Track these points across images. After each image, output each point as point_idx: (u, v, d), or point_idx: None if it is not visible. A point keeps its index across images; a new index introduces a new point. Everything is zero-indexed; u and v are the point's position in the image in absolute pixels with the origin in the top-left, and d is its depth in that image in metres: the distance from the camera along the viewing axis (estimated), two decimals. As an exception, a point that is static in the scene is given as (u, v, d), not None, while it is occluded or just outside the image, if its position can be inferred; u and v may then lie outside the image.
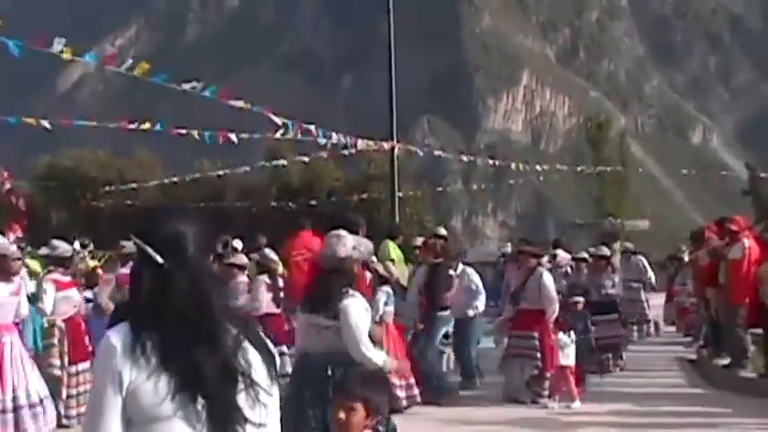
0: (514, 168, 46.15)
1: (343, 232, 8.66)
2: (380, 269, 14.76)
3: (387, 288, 14.42)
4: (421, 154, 39.15)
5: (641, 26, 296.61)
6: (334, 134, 26.38)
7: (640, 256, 25.90)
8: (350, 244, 8.43)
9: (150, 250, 3.51)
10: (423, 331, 15.53)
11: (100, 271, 18.00)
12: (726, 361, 17.89)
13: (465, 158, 51.91)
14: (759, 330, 16.81)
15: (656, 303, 25.86)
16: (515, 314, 15.81)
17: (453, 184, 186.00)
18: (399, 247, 18.52)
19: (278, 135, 24.13)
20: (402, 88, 34.68)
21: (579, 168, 60.13)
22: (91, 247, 21.94)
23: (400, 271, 17.31)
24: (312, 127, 24.15)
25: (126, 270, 16.85)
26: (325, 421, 7.66)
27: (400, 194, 34.30)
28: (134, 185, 55.19)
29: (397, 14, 31.57)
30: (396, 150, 30.50)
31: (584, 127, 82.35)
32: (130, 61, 19.09)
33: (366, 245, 8.80)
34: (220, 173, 51.17)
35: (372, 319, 13.62)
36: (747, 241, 16.94)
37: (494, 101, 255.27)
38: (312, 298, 8.43)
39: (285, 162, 46.61)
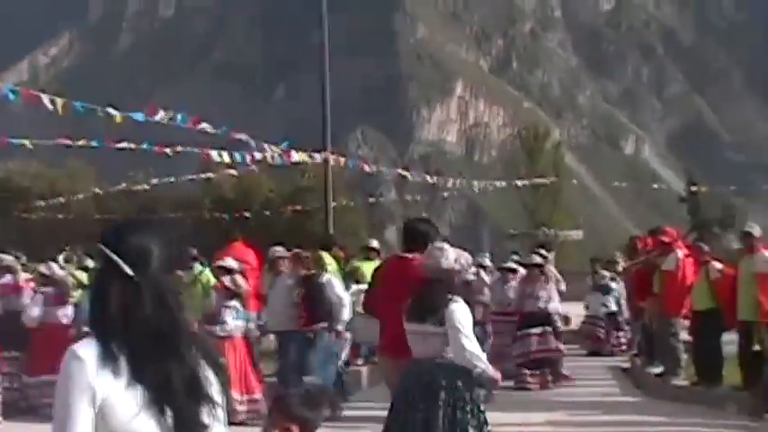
0: (451, 184, 46.30)
1: (445, 245, 9.17)
2: (228, 283, 14.72)
3: (235, 302, 14.37)
4: (351, 166, 39.02)
5: (574, 37, 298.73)
6: (266, 146, 26.25)
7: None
8: (452, 256, 8.87)
9: (121, 262, 3.48)
10: (309, 343, 15.39)
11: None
12: (659, 369, 17.99)
13: (400, 171, 51.89)
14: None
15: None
16: None
17: (387, 194, 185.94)
18: (335, 258, 18.38)
19: (214, 154, 24.03)
20: (335, 98, 34.61)
21: (519, 183, 60.35)
22: (24, 259, 21.63)
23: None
24: (244, 136, 24.00)
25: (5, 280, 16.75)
26: (431, 426, 8.37)
27: (334, 205, 34.20)
28: (62, 198, 54.79)
29: (331, 24, 31.49)
30: (329, 161, 30.41)
31: (520, 138, 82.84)
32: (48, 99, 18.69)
33: (466, 257, 9.16)
34: (154, 181, 50.69)
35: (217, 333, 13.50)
36: (681, 252, 17.07)
37: (428, 111, 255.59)
38: (419, 306, 8.82)
39: (212, 175, 46.38)
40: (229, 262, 16.00)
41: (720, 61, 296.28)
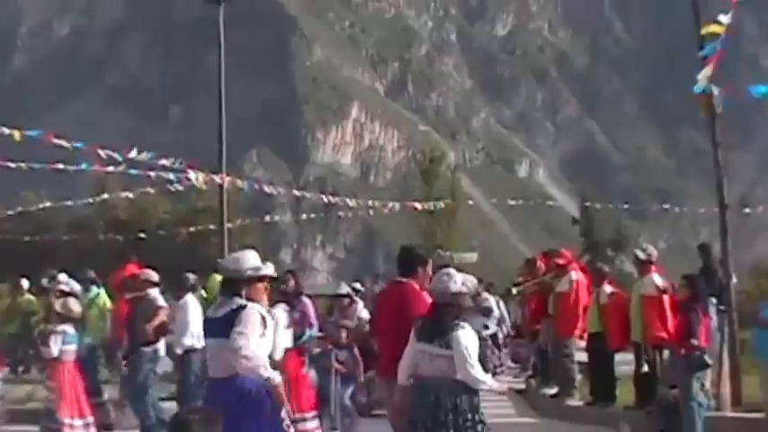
0: (349, 203, 46.29)
1: (452, 270, 9.79)
2: (59, 307, 14.60)
3: (65, 327, 14.25)
4: (247, 188, 38.84)
5: (469, 61, 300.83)
6: (164, 162, 26.05)
7: None
8: (459, 280, 9.54)
9: None
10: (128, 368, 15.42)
11: None
12: (554, 390, 18.14)
13: (295, 192, 51.83)
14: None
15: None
16: None
17: (282, 216, 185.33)
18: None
19: (110, 168, 23.82)
20: (231, 120, 34.45)
21: (414, 205, 60.41)
22: None
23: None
24: (142, 155, 23.83)
25: None
26: None
27: (229, 226, 34.01)
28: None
29: (227, 45, 31.38)
30: (225, 184, 30.25)
31: (415, 161, 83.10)
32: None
33: (472, 281, 10.00)
34: (48, 204, 50.04)
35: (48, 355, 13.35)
36: (575, 274, 17.26)
37: (323, 134, 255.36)
38: (427, 328, 9.39)
39: (106, 196, 45.93)
40: (71, 285, 15.98)
41: (613, 86, 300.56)
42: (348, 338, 16.47)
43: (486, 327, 24.19)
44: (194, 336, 16.79)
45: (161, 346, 16.10)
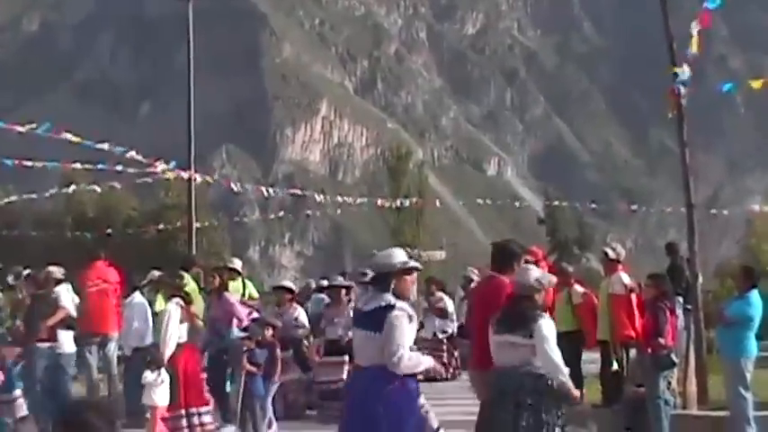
0: (318, 199, 46.27)
1: (530, 266, 10.52)
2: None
3: None
4: (217, 184, 38.81)
5: (439, 59, 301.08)
6: (133, 157, 25.99)
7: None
8: (536, 275, 9.98)
9: None
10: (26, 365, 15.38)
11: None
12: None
13: (264, 190, 51.60)
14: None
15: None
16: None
17: (250, 213, 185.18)
18: (194, 278, 18.15)
19: (77, 165, 23.73)
20: (201, 117, 34.42)
21: (382, 203, 60.36)
22: None
23: (196, 304, 17.06)
24: (106, 145, 23.75)
25: None
26: (517, 426, 9.54)
27: (197, 225, 33.93)
28: None
29: (197, 42, 31.32)
30: (193, 180, 30.18)
31: (383, 158, 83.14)
32: None
33: (549, 278, 10.33)
34: (13, 198, 49.74)
35: None
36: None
37: (292, 131, 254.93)
38: (508, 319, 9.79)
39: (74, 187, 45.62)
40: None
41: (581, 85, 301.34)
42: (273, 337, 16.09)
43: (444, 331, 23.96)
44: (140, 335, 16.82)
45: (63, 343, 16.00)
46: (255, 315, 16.72)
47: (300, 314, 18.38)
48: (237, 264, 19.64)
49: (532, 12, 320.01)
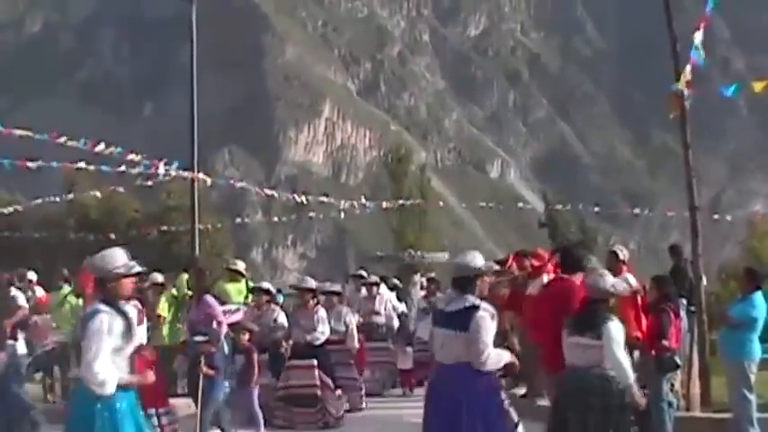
0: (323, 200, 46.24)
1: (605, 271, 11.05)
2: None
3: None
4: (221, 185, 38.77)
5: (442, 61, 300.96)
6: (134, 158, 25.94)
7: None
8: (611, 281, 10.56)
9: None
10: None
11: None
12: (523, 390, 18.15)
13: (266, 191, 51.61)
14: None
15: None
16: None
17: (253, 215, 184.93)
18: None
19: (81, 165, 23.69)
20: (203, 117, 34.36)
21: (384, 205, 60.31)
22: None
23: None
24: (102, 147, 23.68)
25: None
26: (586, 428, 9.97)
27: (200, 227, 33.88)
28: None
29: (199, 43, 31.28)
30: (196, 182, 30.13)
31: (386, 160, 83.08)
32: None
33: (623, 284, 11.09)
34: (18, 208, 49.59)
35: None
36: (547, 277, 17.22)
37: (295, 132, 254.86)
38: (580, 321, 10.30)
39: (72, 196, 45.65)
40: None
41: (584, 87, 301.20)
42: (250, 341, 15.94)
43: None
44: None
45: (19, 344, 16.00)
46: (236, 318, 16.55)
47: (279, 315, 18.30)
48: (241, 266, 19.64)
49: (535, 14, 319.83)
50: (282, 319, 18.24)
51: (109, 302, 8.39)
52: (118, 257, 8.58)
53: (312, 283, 18.26)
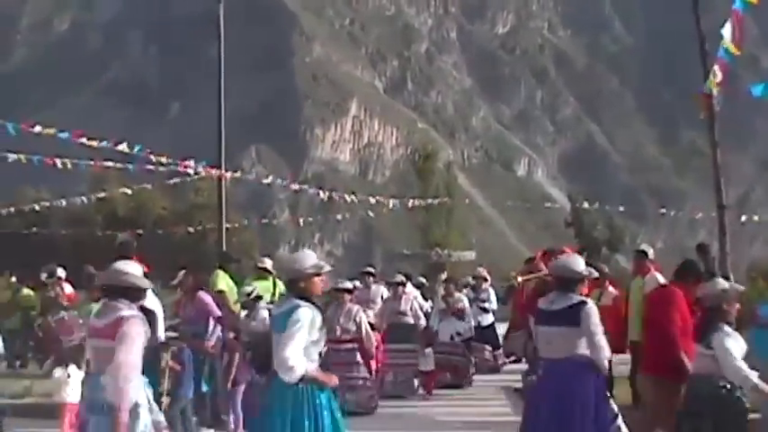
0: (348, 199, 46.24)
1: (720, 279, 11.60)
2: None
3: None
4: (249, 183, 38.89)
5: (469, 59, 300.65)
6: (160, 158, 26.02)
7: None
8: (723, 286, 10.95)
9: None
10: None
11: None
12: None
13: (293, 186, 51.73)
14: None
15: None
16: None
17: (280, 213, 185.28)
18: (231, 276, 18.15)
19: (109, 164, 23.80)
20: (230, 116, 34.45)
21: (410, 203, 60.23)
22: None
23: (231, 299, 17.14)
24: (123, 145, 23.76)
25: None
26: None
27: (227, 225, 33.93)
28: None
29: (227, 41, 31.38)
30: (224, 180, 30.21)
31: (413, 158, 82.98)
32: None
33: (735, 288, 11.28)
34: (46, 204, 49.82)
35: None
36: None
37: (322, 130, 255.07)
38: (698, 330, 10.69)
39: (103, 194, 45.77)
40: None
41: (612, 85, 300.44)
42: (236, 339, 15.91)
43: (459, 333, 22.89)
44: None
45: None
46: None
47: (265, 312, 18.14)
48: (268, 263, 19.58)
49: (563, 11, 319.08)
50: (266, 313, 17.80)
51: (305, 299, 8.73)
52: (309, 259, 8.97)
53: (348, 285, 18.53)
